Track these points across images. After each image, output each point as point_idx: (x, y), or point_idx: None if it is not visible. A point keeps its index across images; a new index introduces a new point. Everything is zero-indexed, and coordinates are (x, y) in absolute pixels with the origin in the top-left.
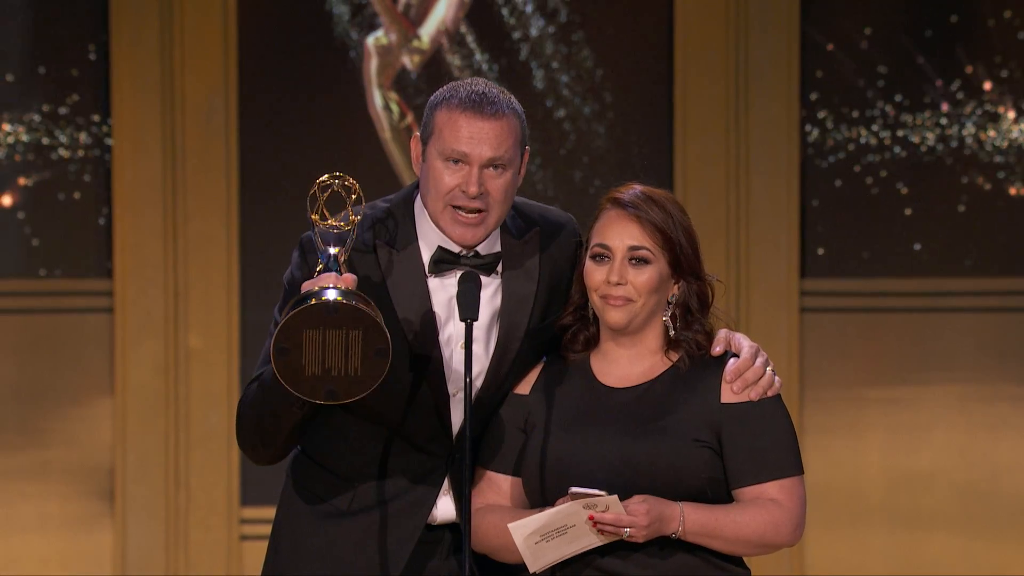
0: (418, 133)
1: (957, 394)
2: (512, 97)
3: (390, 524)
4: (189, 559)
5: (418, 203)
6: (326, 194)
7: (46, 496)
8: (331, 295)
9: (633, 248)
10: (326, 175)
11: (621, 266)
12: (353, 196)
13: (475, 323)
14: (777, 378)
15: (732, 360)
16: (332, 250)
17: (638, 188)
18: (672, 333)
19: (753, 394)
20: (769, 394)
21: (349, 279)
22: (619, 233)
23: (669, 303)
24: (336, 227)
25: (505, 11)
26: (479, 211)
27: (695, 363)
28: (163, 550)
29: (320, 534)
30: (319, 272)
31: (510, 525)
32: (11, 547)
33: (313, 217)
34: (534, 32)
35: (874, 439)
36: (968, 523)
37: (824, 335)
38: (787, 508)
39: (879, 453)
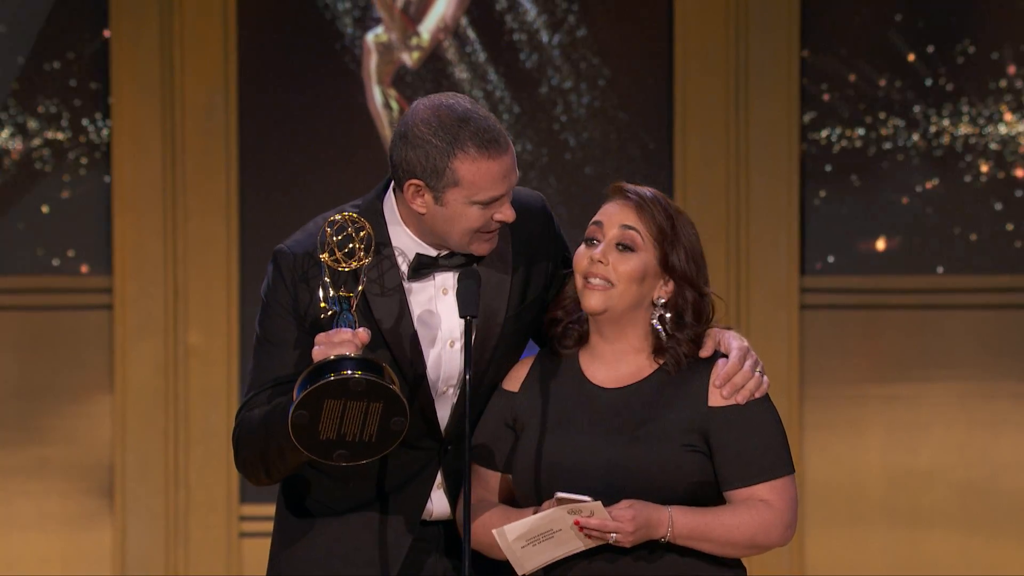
0: (418, 181)
1: (957, 391)
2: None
3: (387, 521)
4: (189, 557)
5: (387, 207)
6: (334, 229)
7: (46, 494)
8: (351, 369)
9: (624, 227)
10: (337, 215)
11: (607, 247)
12: (363, 234)
13: (452, 317)
14: (765, 378)
15: (721, 363)
16: (343, 293)
17: (652, 190)
18: (664, 338)
19: (740, 398)
20: (757, 395)
21: (364, 336)
22: (614, 213)
23: (655, 304)
24: (346, 267)
25: (504, 9)
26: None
27: (683, 365)
28: (163, 548)
29: (318, 534)
30: (327, 316)
31: (495, 531)
32: (11, 545)
33: (322, 256)
34: (534, 30)
35: (874, 437)
36: (968, 521)
37: (824, 333)
38: (777, 509)
39: (879, 451)
